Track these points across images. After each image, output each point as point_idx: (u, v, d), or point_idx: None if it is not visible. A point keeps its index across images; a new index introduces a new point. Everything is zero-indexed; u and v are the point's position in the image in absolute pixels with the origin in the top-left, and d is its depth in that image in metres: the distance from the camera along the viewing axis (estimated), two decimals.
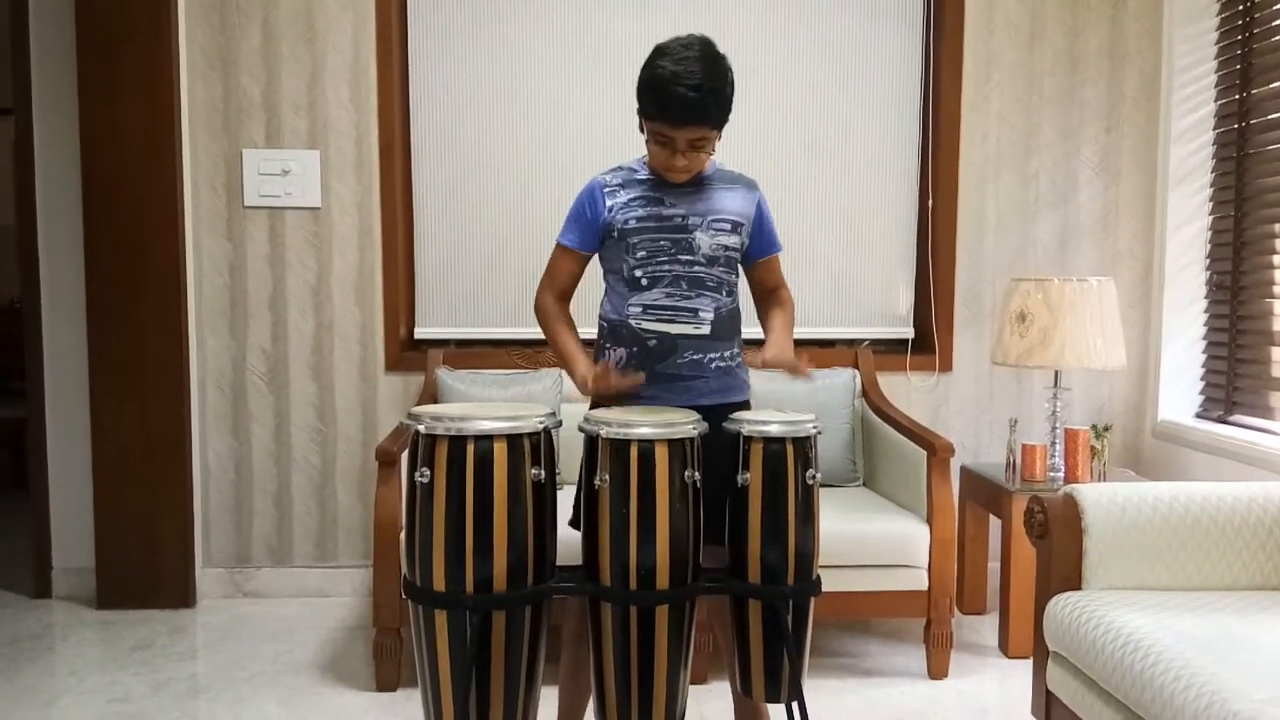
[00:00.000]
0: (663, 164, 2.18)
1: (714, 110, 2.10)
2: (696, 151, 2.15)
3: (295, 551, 3.81)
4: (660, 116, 2.10)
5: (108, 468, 3.61)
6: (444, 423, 1.96)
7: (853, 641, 3.40)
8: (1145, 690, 1.94)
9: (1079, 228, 3.81)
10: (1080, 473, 3.23)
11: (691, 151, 2.14)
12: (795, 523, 2.07)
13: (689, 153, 2.14)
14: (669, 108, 2.07)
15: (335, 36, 3.67)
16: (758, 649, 2.12)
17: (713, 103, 2.09)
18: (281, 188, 3.70)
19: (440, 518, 1.95)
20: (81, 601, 3.71)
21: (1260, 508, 2.38)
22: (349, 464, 3.79)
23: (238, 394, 3.77)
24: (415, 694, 2.20)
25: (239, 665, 3.17)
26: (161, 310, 3.59)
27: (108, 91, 3.51)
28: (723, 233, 2.24)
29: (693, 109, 2.07)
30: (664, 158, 2.16)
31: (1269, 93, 3.34)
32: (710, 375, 2.24)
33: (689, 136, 2.11)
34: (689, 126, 2.10)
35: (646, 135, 2.17)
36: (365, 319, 3.76)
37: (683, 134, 2.11)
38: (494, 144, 3.77)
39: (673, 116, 2.08)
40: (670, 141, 2.12)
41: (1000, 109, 3.77)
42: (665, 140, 2.13)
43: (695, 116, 2.08)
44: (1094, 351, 3.23)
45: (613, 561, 1.99)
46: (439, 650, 1.97)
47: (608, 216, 2.24)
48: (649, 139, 2.17)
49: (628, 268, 2.23)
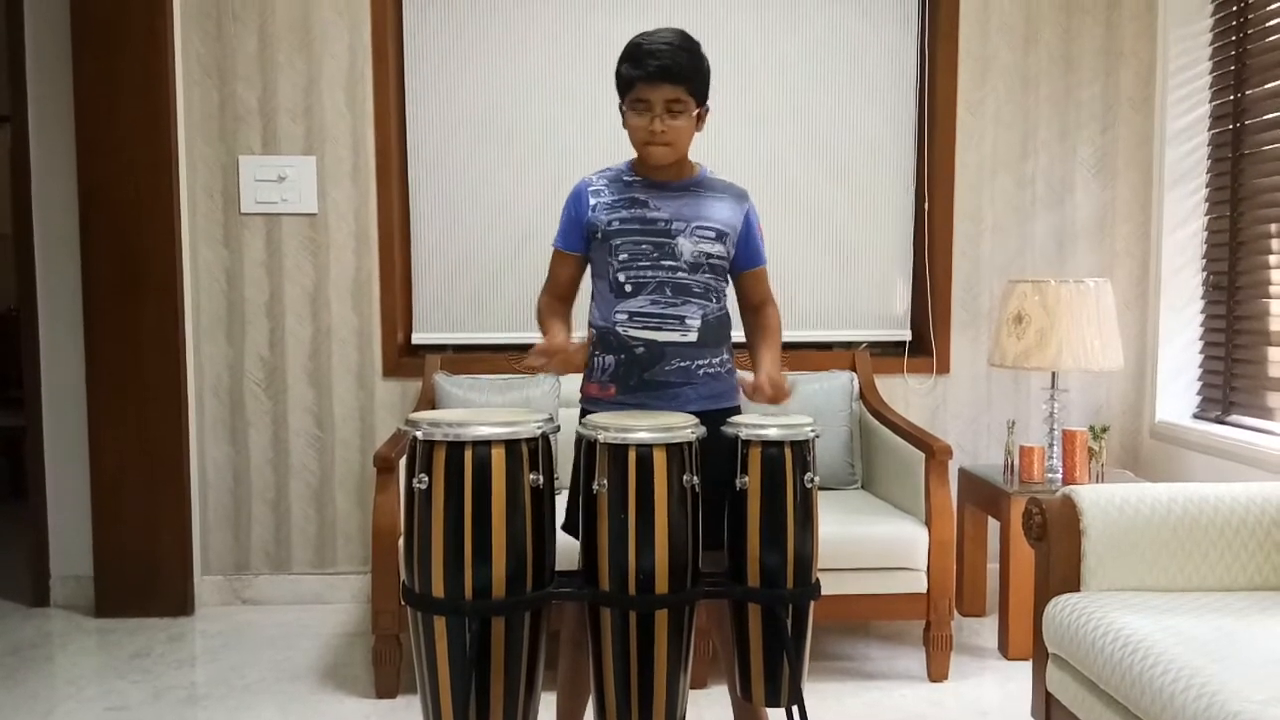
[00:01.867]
0: (642, 136, 2.18)
1: (687, 68, 2.15)
2: (674, 118, 2.16)
3: (294, 558, 3.81)
4: (636, 77, 2.14)
5: (106, 475, 3.61)
6: (442, 428, 1.96)
7: (852, 644, 3.40)
8: (1144, 691, 1.94)
9: (1075, 229, 3.82)
10: (1078, 474, 3.23)
11: (669, 117, 2.15)
12: (794, 526, 2.07)
13: (666, 118, 2.15)
14: (642, 63, 2.13)
15: (331, 43, 3.68)
16: (757, 653, 2.12)
17: (685, 59, 2.14)
18: (278, 194, 3.70)
19: (439, 524, 1.94)
20: (80, 610, 3.70)
21: (1258, 508, 2.38)
22: (347, 470, 3.79)
23: (235, 401, 3.76)
24: (415, 700, 2.19)
25: (238, 673, 3.17)
26: (159, 317, 3.58)
27: (104, 99, 3.51)
28: (706, 240, 2.24)
29: (665, 60, 2.12)
30: (643, 126, 2.17)
31: (1263, 93, 3.35)
32: (699, 382, 2.25)
33: (665, 96, 2.14)
34: (665, 84, 2.13)
35: (626, 113, 2.19)
36: (363, 325, 3.76)
37: (659, 93, 2.13)
38: (490, 150, 3.77)
39: (647, 70, 2.12)
40: (648, 106, 2.15)
41: (996, 110, 3.77)
42: (644, 105, 2.15)
43: (669, 70, 2.13)
44: (1091, 353, 3.23)
45: (611, 566, 1.99)
46: (438, 656, 1.97)
47: (591, 216, 2.25)
48: (628, 115, 2.19)
49: (612, 271, 2.24)
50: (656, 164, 2.22)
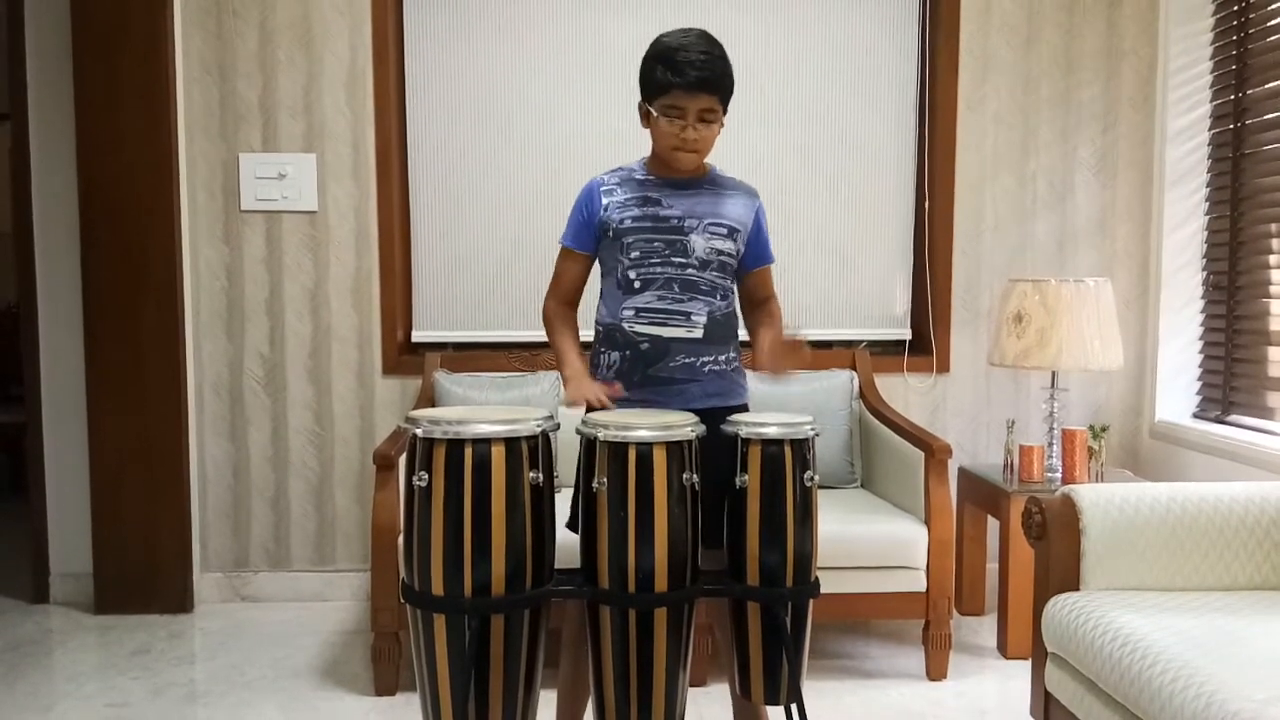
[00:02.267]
0: (673, 142, 2.17)
1: (723, 77, 2.16)
2: (707, 125, 2.16)
3: (293, 556, 3.81)
4: (675, 84, 2.12)
5: (105, 472, 3.61)
6: (441, 426, 1.96)
7: (851, 643, 3.40)
8: (1144, 691, 1.94)
9: (1076, 229, 3.82)
10: (1078, 473, 3.24)
11: (702, 124, 2.16)
12: (793, 525, 2.07)
13: (699, 126, 2.16)
14: (682, 72, 2.12)
15: (332, 41, 3.67)
16: (756, 651, 2.12)
17: (721, 69, 2.15)
18: (278, 191, 3.70)
19: (438, 521, 1.94)
20: (80, 607, 3.70)
21: (1258, 508, 2.38)
22: (347, 468, 3.79)
23: (235, 398, 3.76)
24: (414, 698, 2.19)
25: (237, 670, 3.17)
26: (159, 315, 3.58)
27: (104, 96, 3.51)
28: (718, 237, 2.24)
29: (706, 72, 2.12)
30: (674, 133, 2.16)
31: (1264, 93, 3.35)
32: (704, 379, 2.25)
33: (700, 106, 2.14)
34: (702, 93, 2.13)
35: (655, 116, 2.18)
36: (362, 322, 3.76)
37: (695, 102, 2.13)
38: (490, 147, 3.77)
39: (687, 79, 2.12)
40: (682, 113, 2.14)
41: (997, 110, 3.77)
42: (678, 112, 2.14)
43: (709, 81, 2.13)
44: (1091, 352, 3.23)
45: (611, 564, 1.99)
46: (438, 654, 1.97)
47: (603, 215, 2.25)
48: (658, 117, 2.17)
49: (622, 269, 2.24)
50: (683, 169, 2.23)
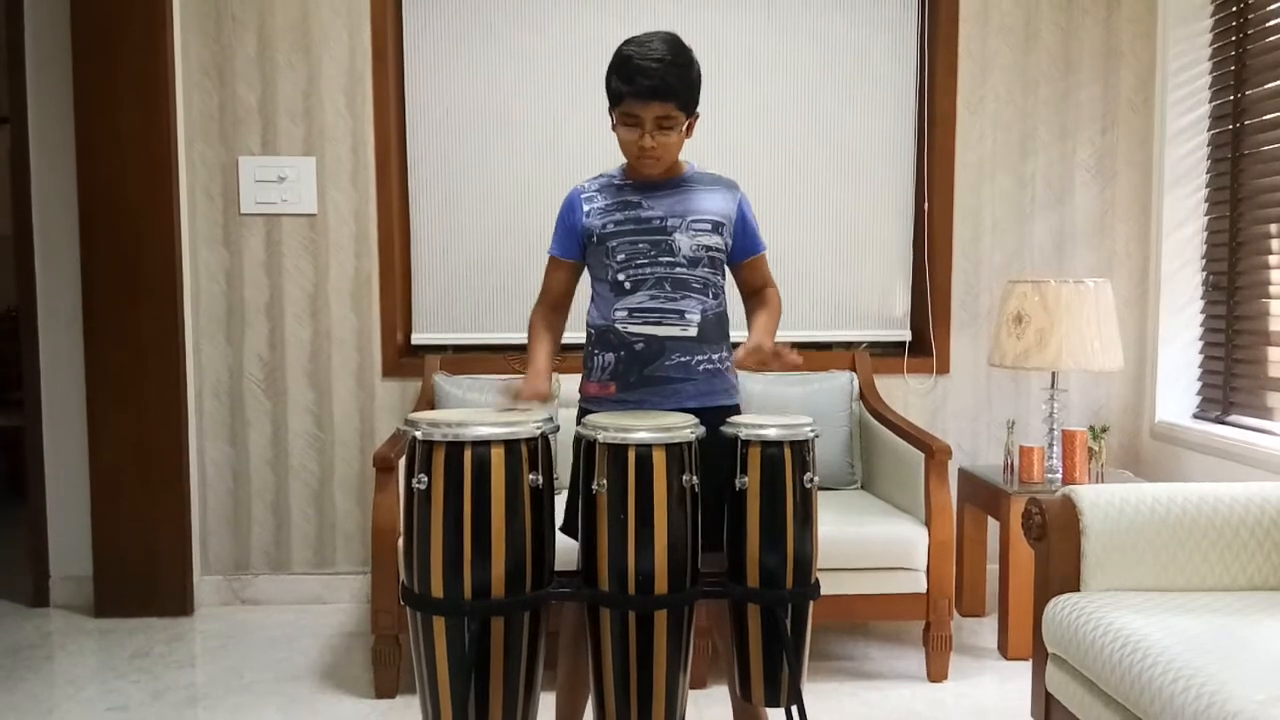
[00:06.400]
0: (633, 151, 2.20)
1: (677, 85, 2.13)
2: (665, 133, 2.16)
3: (293, 559, 3.81)
4: (626, 93, 2.13)
5: (105, 476, 3.61)
6: (441, 429, 1.96)
7: (852, 645, 3.40)
8: (1144, 691, 1.94)
9: (1075, 229, 3.82)
10: (1078, 474, 3.23)
11: (659, 133, 2.16)
12: (793, 526, 2.07)
13: (657, 134, 2.16)
14: (632, 80, 2.12)
15: (331, 44, 3.68)
16: (756, 653, 2.12)
17: (675, 77, 2.13)
18: (278, 195, 3.70)
19: (438, 524, 1.95)
20: (79, 610, 3.70)
21: (1258, 508, 2.38)
22: (347, 471, 3.79)
23: (235, 401, 3.76)
24: (414, 700, 2.20)
25: (237, 673, 3.17)
26: (158, 318, 3.58)
27: (104, 100, 3.51)
28: (703, 233, 2.25)
29: (655, 80, 2.11)
30: (633, 141, 2.18)
31: (1263, 93, 3.35)
32: (698, 378, 2.25)
33: (655, 114, 2.14)
34: (654, 101, 2.12)
35: (615, 124, 2.20)
36: (362, 325, 3.76)
37: (649, 111, 2.13)
38: (489, 150, 3.77)
39: (638, 88, 2.11)
40: (638, 122, 2.15)
41: (996, 111, 3.77)
42: (633, 120, 2.15)
43: (659, 90, 2.12)
44: (1091, 353, 3.23)
45: (611, 566, 1.99)
46: (437, 657, 1.97)
47: (585, 222, 2.27)
48: (618, 125, 2.19)
49: (611, 272, 2.25)
50: (649, 174, 2.25)
